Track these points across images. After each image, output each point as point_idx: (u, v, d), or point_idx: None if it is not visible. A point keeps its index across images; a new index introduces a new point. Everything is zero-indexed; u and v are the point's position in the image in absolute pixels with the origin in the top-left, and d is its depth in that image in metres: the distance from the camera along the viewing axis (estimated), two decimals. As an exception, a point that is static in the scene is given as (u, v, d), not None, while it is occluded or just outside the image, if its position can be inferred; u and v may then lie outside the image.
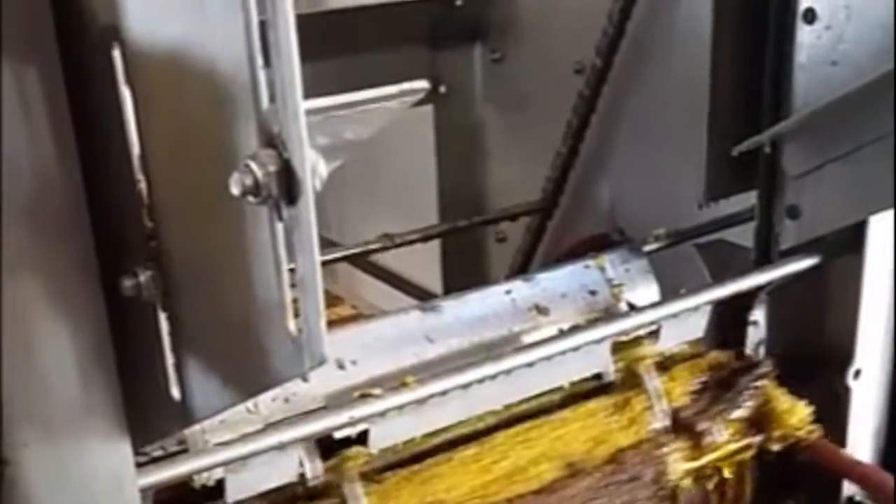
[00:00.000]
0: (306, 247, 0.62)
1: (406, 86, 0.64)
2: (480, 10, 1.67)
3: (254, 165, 0.61)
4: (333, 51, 1.62)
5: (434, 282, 1.98)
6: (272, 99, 0.61)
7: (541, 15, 1.64)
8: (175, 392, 0.81)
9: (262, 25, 0.60)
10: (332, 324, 0.68)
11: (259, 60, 0.60)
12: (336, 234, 2.58)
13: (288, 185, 0.61)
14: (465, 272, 1.89)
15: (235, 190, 0.61)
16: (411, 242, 1.54)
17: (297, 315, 0.67)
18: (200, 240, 0.73)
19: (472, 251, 1.88)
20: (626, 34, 1.52)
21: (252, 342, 0.70)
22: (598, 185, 1.66)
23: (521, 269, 1.79)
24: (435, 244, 1.91)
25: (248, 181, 0.61)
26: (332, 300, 2.34)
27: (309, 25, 1.61)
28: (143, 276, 0.77)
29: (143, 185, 0.75)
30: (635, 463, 1.23)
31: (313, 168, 0.60)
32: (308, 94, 1.58)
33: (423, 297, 2.01)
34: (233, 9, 0.60)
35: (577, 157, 1.65)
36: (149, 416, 0.84)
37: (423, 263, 2.00)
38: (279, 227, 0.64)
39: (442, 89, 1.74)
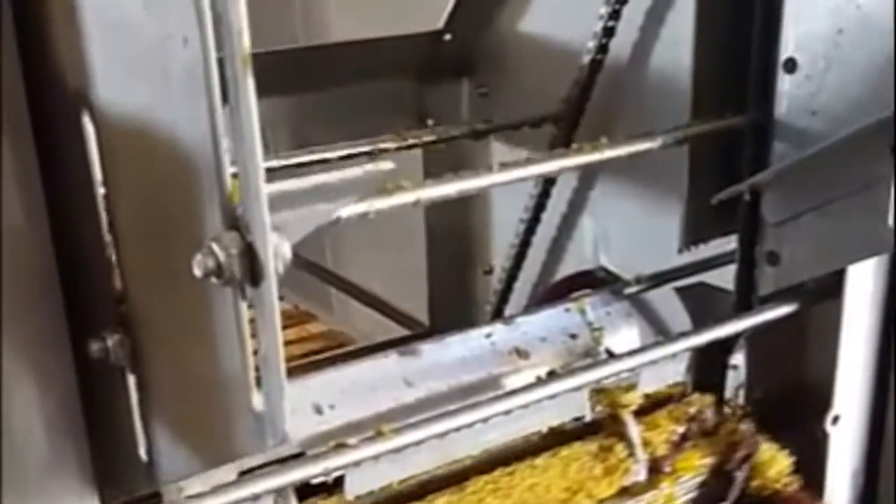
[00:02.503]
0: (269, 327, 0.62)
1: (371, 166, 0.64)
2: (468, 45, 1.67)
3: (216, 248, 0.61)
4: (322, 84, 1.63)
5: (421, 310, 1.98)
6: (235, 179, 0.62)
7: (527, 51, 1.64)
8: (142, 453, 0.81)
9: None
10: (303, 343, 0.68)
11: (223, 143, 0.61)
12: (331, 263, 2.59)
13: (251, 267, 0.61)
14: (451, 303, 1.89)
15: (198, 271, 0.61)
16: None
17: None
18: (167, 308, 0.73)
19: (458, 283, 1.88)
20: (605, 69, 1.52)
21: (216, 414, 0.70)
22: (582, 221, 1.66)
23: (504, 298, 1.79)
24: (422, 274, 1.91)
25: (211, 263, 0.61)
26: (303, 317, 2.34)
27: (298, 59, 1.62)
28: (111, 340, 0.77)
29: (111, 250, 0.75)
30: (612, 515, 1.23)
31: (276, 251, 0.61)
32: (297, 127, 1.58)
33: (409, 324, 2.01)
34: (196, 89, 0.60)
35: (553, 187, 1.65)
36: (117, 474, 0.85)
37: (410, 292, 2.01)
38: (243, 305, 0.64)
39: (429, 122, 1.74)
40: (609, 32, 1.43)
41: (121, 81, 0.67)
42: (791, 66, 1.23)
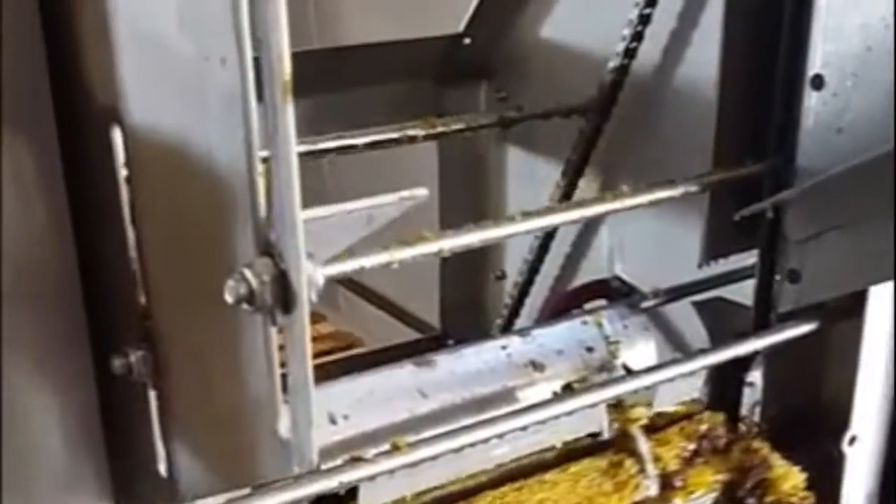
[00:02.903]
0: (299, 354, 0.61)
1: (406, 193, 0.63)
2: (487, 49, 1.65)
3: (249, 274, 0.60)
4: (341, 85, 1.62)
5: (431, 313, 1.97)
6: (270, 205, 0.61)
7: (547, 56, 1.63)
8: (162, 469, 0.80)
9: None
10: (318, 358, 0.66)
11: (259, 168, 0.59)
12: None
13: (283, 295, 0.60)
14: (462, 307, 1.88)
15: (230, 298, 0.60)
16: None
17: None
18: (193, 327, 0.72)
19: (470, 287, 1.87)
20: (631, 80, 1.50)
21: (240, 436, 0.69)
22: (599, 229, 1.65)
23: (518, 305, 1.78)
24: (434, 276, 1.90)
25: (243, 290, 0.60)
26: (311, 317, 2.33)
27: (318, 61, 1.61)
28: (134, 356, 0.76)
29: (137, 266, 0.74)
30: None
31: (309, 279, 0.59)
32: (314, 129, 1.57)
33: (419, 327, 2.00)
34: (233, 112, 0.59)
35: (572, 195, 1.63)
36: (135, 489, 0.84)
37: (421, 294, 1.99)
38: (273, 331, 0.63)
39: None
40: (637, 37, 1.42)
41: (153, 98, 0.66)
42: (818, 82, 1.22)
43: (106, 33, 0.67)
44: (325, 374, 1.63)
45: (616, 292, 1.65)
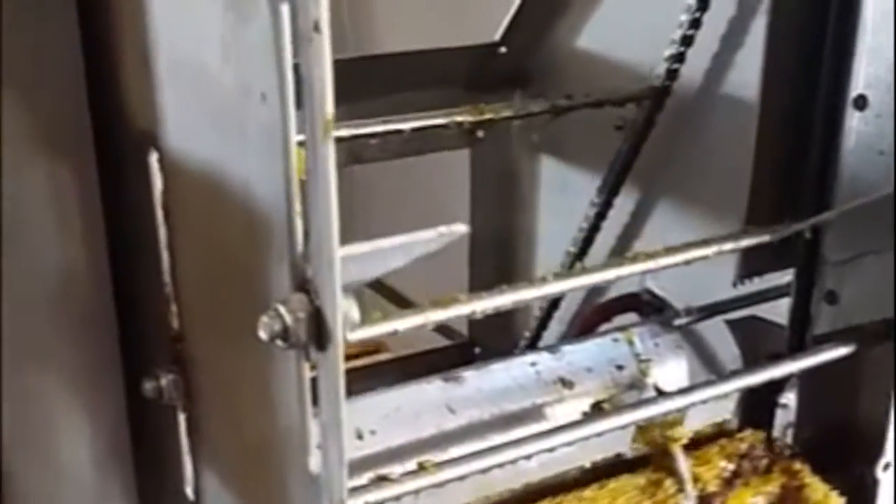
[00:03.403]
0: (332, 393, 0.60)
1: (445, 229, 0.62)
2: (523, 58, 1.64)
3: (283, 310, 0.59)
4: (376, 94, 1.61)
5: (461, 321, 1.96)
6: (307, 241, 0.60)
7: (583, 66, 1.61)
8: (189, 491, 0.79)
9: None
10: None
11: (297, 204, 0.58)
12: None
13: (318, 332, 0.59)
14: (491, 316, 1.86)
15: (264, 335, 0.59)
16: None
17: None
18: (225, 356, 0.71)
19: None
20: (672, 94, 1.49)
21: (269, 467, 0.68)
22: (633, 245, 1.63)
23: (548, 316, 1.77)
24: (464, 283, 1.89)
25: (277, 327, 0.59)
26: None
27: (353, 69, 1.59)
28: (165, 380, 0.76)
29: (171, 291, 0.74)
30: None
31: (345, 317, 0.58)
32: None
33: (447, 334, 1.99)
34: (272, 147, 0.58)
35: (610, 210, 1.62)
36: (163, 510, 0.83)
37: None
38: (306, 367, 0.62)
39: (480, 134, 1.71)
40: (680, 58, 1.40)
41: (192, 128, 0.65)
42: (861, 103, 1.20)
43: (147, 60, 0.66)
44: (350, 381, 1.62)
45: (647, 306, 1.63)
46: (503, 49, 1.64)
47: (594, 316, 1.67)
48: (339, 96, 1.66)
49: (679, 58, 1.43)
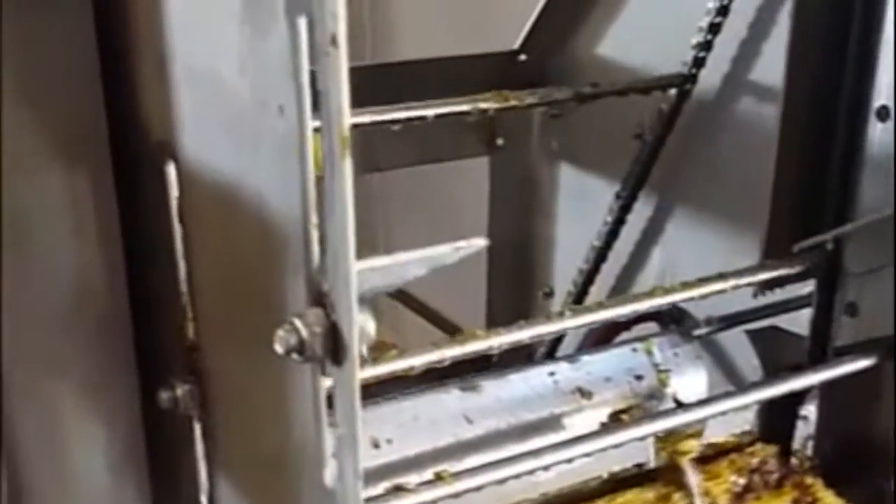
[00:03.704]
0: (348, 407, 0.60)
1: (463, 243, 0.62)
2: (542, 66, 1.64)
3: (299, 324, 0.59)
4: (395, 101, 1.60)
5: (478, 327, 1.95)
6: (324, 255, 0.59)
7: (602, 75, 1.60)
8: (204, 500, 0.79)
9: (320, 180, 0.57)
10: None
11: (313, 217, 0.58)
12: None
13: (334, 347, 0.59)
14: (509, 323, 1.86)
15: (280, 349, 0.59)
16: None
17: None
18: (241, 367, 0.71)
19: (517, 303, 1.85)
20: (691, 103, 1.48)
21: (284, 480, 0.68)
22: (652, 251, 1.62)
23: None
24: (482, 290, 1.89)
25: (293, 341, 0.59)
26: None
27: (372, 76, 1.59)
28: (181, 390, 0.75)
29: (187, 301, 0.74)
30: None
31: (362, 331, 0.58)
32: (366, 143, 1.55)
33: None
34: (289, 160, 0.58)
35: (627, 218, 1.62)
36: (178, 520, 0.83)
37: (468, 308, 1.98)
38: (322, 381, 0.62)
39: (499, 142, 1.71)
40: (700, 63, 1.40)
41: (209, 140, 0.65)
42: (884, 113, 1.19)
43: (163, 71, 0.66)
44: (366, 386, 1.62)
45: (667, 316, 1.62)
46: (523, 56, 1.63)
47: (613, 326, 1.66)
48: (358, 105, 1.66)
49: (706, 46, 1.42)
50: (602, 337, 1.66)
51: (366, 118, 1.34)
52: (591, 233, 1.69)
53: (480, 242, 0.62)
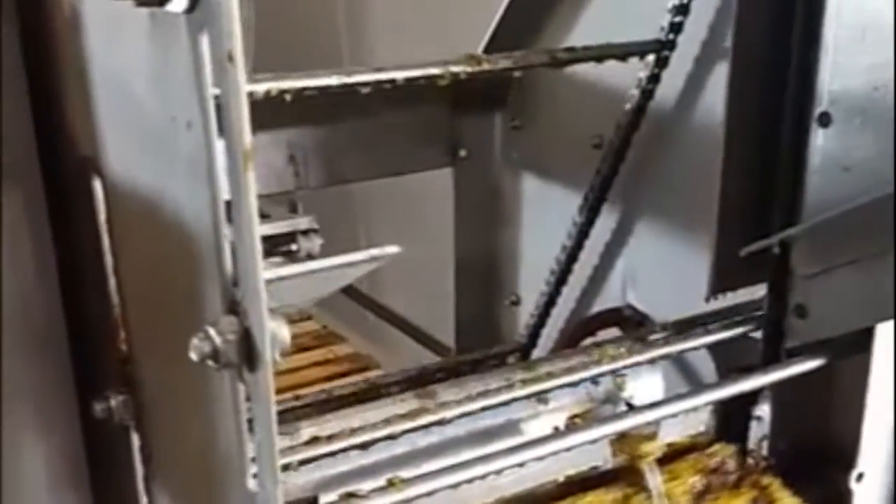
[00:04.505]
0: (263, 416, 0.62)
1: (376, 251, 0.64)
2: (503, 78, 1.65)
3: (213, 332, 0.61)
4: (356, 113, 1.63)
5: (449, 338, 1.98)
6: (236, 265, 0.61)
7: (560, 87, 1.63)
8: (146, 510, 0.81)
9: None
10: (327, 366, 0.67)
11: (224, 231, 0.60)
12: (366, 287, 2.60)
13: (248, 353, 0.61)
14: (477, 331, 1.89)
15: (194, 356, 0.61)
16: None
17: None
18: (170, 377, 0.73)
19: (484, 312, 1.87)
20: (647, 114, 1.50)
21: (212, 486, 0.70)
22: (614, 260, 1.65)
23: (536, 333, 1.78)
24: (450, 303, 1.90)
25: (207, 348, 0.61)
26: (331, 338, 2.34)
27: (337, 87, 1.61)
28: (115, 401, 0.77)
29: (118, 313, 0.75)
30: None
31: (274, 337, 0.60)
32: (329, 156, 1.57)
33: (438, 350, 2.01)
34: (199, 173, 0.60)
35: (592, 228, 1.63)
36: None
37: (442, 318, 2.00)
38: (241, 388, 0.64)
39: (462, 153, 1.73)
40: (655, 78, 1.42)
41: (129, 155, 0.67)
42: (825, 120, 1.21)
43: (85, 88, 0.68)
44: (341, 399, 1.65)
45: (628, 321, 1.65)
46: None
47: (577, 330, 1.69)
48: (323, 117, 1.67)
49: (654, 79, 1.45)
50: (567, 343, 1.69)
51: (334, 80, 1.33)
52: (556, 242, 1.71)
53: (392, 249, 0.64)
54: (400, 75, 1.37)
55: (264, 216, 1.50)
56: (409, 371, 1.73)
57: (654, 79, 1.46)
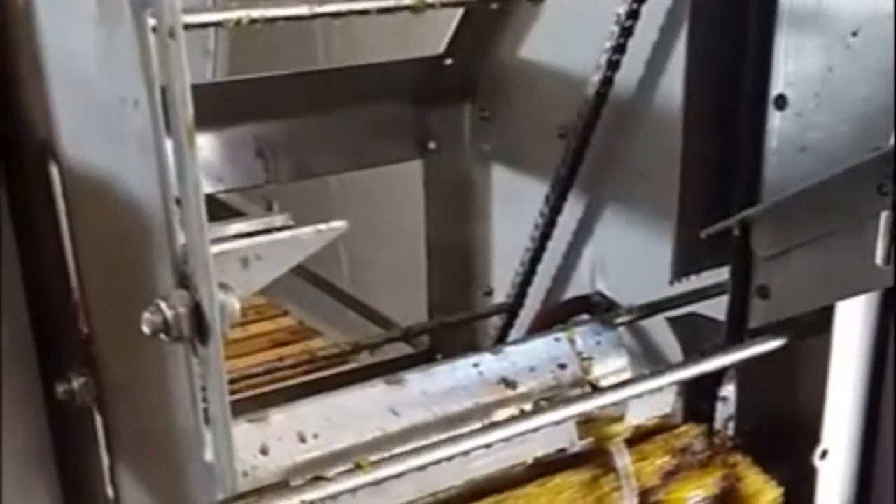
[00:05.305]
0: (215, 385, 0.63)
1: (324, 226, 0.65)
2: (469, 70, 1.68)
3: (164, 306, 0.62)
4: (323, 107, 1.64)
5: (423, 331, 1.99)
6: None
7: (527, 77, 1.65)
8: (109, 491, 0.82)
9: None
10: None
11: (173, 206, 0.62)
12: (347, 283, 2.61)
13: (198, 326, 0.62)
14: (452, 322, 1.90)
15: (146, 329, 0.63)
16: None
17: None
18: (128, 356, 0.74)
19: (458, 303, 1.89)
20: (609, 102, 1.52)
21: (174, 462, 0.71)
22: (583, 247, 1.67)
23: (508, 323, 1.80)
24: (422, 290, 1.92)
25: (158, 321, 0.62)
26: (307, 333, 2.35)
27: (300, 83, 1.63)
28: (77, 382, 0.78)
29: (78, 294, 0.77)
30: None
31: (223, 309, 0.62)
32: (297, 150, 1.58)
33: (413, 343, 2.02)
34: (148, 151, 0.62)
35: (559, 216, 1.65)
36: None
37: (411, 308, 2.02)
38: (195, 361, 0.65)
39: (431, 145, 1.75)
40: (615, 65, 1.44)
41: (83, 136, 0.69)
42: (781, 102, 1.23)
43: (39, 71, 0.69)
44: (317, 390, 1.66)
45: (597, 308, 1.67)
46: (448, 61, 1.67)
47: (547, 318, 1.70)
48: (291, 111, 1.68)
49: (613, 65, 1.47)
50: (537, 331, 1.70)
51: (304, 9, 1.30)
52: (528, 232, 1.73)
53: (340, 224, 0.65)
54: (372, 5, 1.34)
55: (240, 214, 1.51)
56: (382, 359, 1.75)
57: (614, 65, 1.48)
